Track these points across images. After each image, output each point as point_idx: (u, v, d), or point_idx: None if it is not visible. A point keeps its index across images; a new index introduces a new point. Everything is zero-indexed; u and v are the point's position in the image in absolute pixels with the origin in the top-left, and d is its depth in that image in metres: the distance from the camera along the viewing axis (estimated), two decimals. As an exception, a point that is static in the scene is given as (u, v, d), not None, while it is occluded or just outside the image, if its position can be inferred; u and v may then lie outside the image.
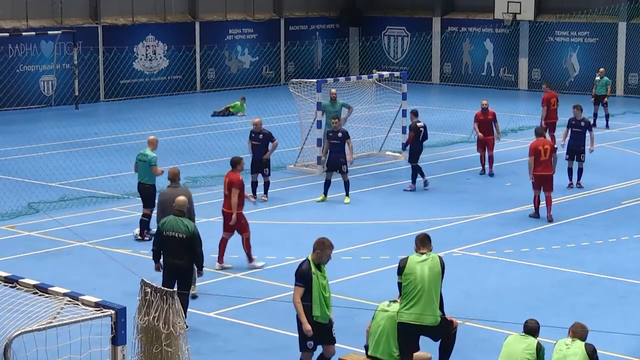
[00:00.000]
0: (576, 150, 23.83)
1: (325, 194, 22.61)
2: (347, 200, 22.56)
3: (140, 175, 19.45)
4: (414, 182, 23.84)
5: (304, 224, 20.50)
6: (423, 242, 12.00)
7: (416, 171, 23.77)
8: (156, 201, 17.33)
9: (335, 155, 22.68)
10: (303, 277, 11.87)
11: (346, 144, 23.00)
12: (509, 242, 19.36)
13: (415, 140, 23.81)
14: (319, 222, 20.96)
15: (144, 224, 19.26)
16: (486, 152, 25.47)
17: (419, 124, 23.85)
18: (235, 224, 17.34)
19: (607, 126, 32.70)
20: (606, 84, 33.09)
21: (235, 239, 17.16)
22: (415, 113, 24.19)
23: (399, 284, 11.89)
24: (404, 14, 47.02)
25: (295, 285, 11.89)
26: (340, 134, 23.08)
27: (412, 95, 31.18)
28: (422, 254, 11.87)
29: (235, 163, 17.58)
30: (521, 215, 21.35)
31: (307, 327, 11.88)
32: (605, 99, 32.87)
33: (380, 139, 28.49)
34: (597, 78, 33.33)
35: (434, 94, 43.02)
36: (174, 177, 16.42)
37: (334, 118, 23.62)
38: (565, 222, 20.88)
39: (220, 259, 17.51)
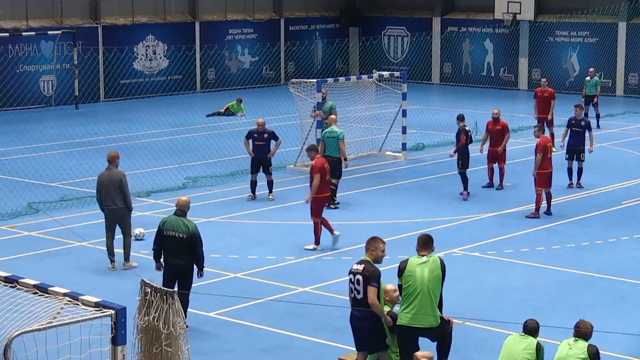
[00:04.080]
0: (576, 150, 23.78)
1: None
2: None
3: (328, 150, 21.84)
4: (466, 188, 22.97)
5: (304, 224, 20.47)
6: (425, 244, 11.95)
7: (465, 177, 22.98)
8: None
9: None
10: (378, 278, 11.75)
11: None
12: (509, 242, 19.34)
13: (465, 145, 23.05)
14: (319, 222, 20.95)
15: (332, 191, 21.47)
16: (496, 165, 23.90)
17: (467, 128, 23.22)
18: None
19: (597, 126, 32.39)
20: (596, 84, 32.96)
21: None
22: (461, 118, 23.45)
23: (399, 286, 11.88)
24: (404, 14, 47.01)
25: (371, 285, 11.62)
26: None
27: (412, 95, 31.17)
28: (423, 255, 11.85)
29: None
30: (521, 215, 21.33)
31: (388, 319, 11.80)
32: (595, 99, 32.72)
33: (380, 139, 28.48)
34: (587, 78, 33.23)
35: (434, 94, 42.99)
36: (111, 160, 17.64)
37: (325, 119, 23.56)
38: (565, 222, 20.87)
39: None
